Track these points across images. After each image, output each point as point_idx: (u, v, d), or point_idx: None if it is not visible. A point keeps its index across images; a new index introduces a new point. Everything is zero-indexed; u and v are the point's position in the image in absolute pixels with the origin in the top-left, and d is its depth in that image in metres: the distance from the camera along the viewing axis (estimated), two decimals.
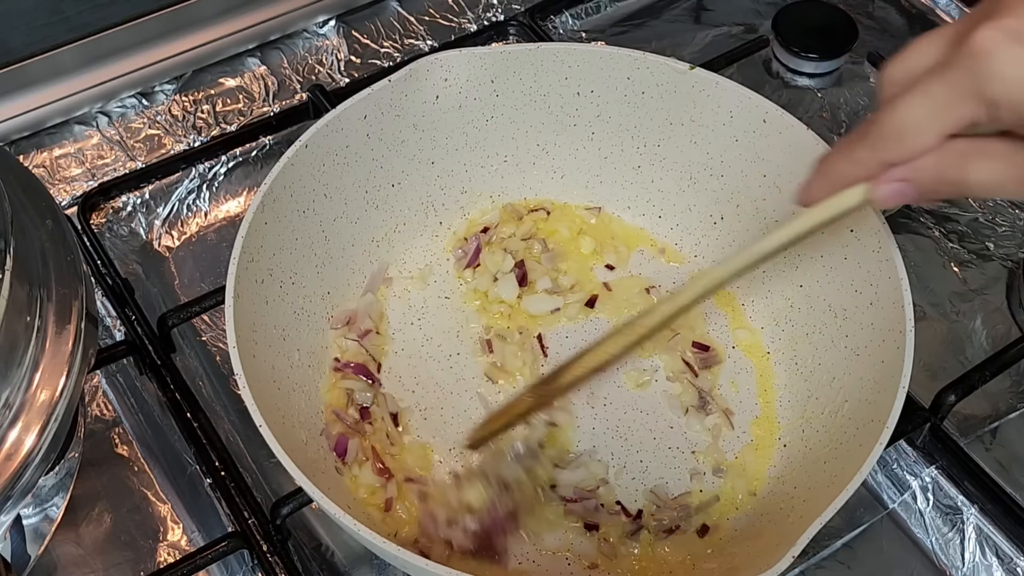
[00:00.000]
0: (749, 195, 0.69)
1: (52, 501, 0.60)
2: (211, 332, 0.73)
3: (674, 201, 0.73)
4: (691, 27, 0.91)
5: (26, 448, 0.52)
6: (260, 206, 0.62)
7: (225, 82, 0.86)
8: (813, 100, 0.85)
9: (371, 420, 0.65)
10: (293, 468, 0.54)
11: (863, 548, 0.65)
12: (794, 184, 0.56)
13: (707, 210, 0.72)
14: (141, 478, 0.67)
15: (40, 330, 0.54)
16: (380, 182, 0.70)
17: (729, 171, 0.70)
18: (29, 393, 0.52)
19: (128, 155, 0.81)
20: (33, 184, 0.61)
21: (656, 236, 0.73)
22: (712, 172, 0.71)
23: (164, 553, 0.65)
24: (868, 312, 0.62)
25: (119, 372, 0.71)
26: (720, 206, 0.71)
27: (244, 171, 0.81)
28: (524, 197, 0.74)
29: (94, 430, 0.69)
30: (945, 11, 0.91)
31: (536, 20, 0.87)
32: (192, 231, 0.79)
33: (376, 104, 0.68)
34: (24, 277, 0.53)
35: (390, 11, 0.90)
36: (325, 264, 0.68)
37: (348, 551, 0.64)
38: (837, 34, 0.86)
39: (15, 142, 0.81)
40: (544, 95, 0.71)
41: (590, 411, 0.67)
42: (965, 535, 0.65)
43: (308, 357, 0.66)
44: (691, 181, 0.72)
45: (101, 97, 0.83)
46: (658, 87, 0.70)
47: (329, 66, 0.87)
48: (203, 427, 0.67)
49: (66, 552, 0.64)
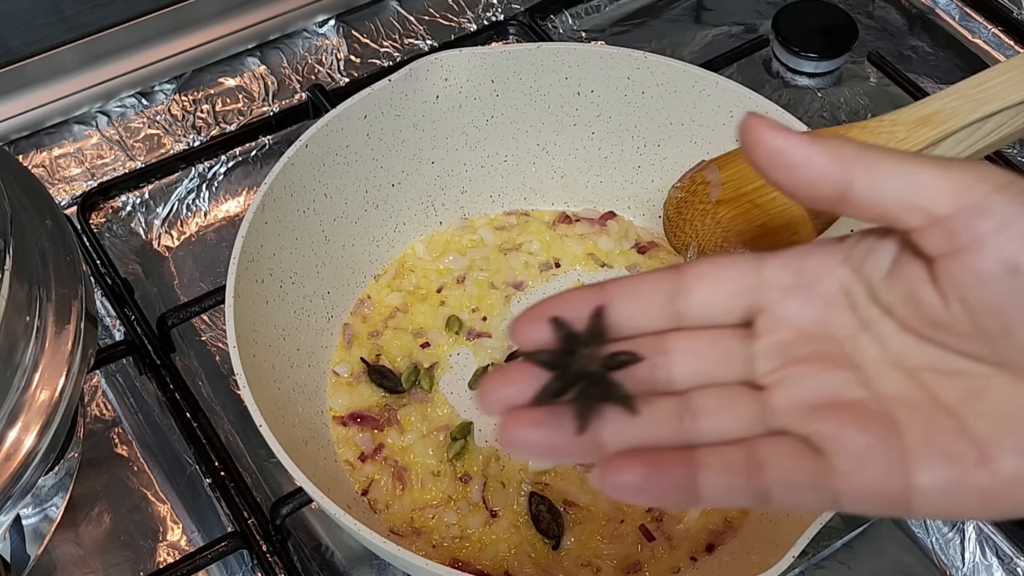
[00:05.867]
0: None
1: (51, 501, 0.60)
2: (211, 332, 0.73)
3: None
4: (691, 27, 0.91)
5: (25, 448, 0.52)
6: (260, 206, 0.62)
7: (225, 82, 0.86)
8: (813, 100, 0.85)
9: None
10: (293, 468, 0.54)
11: (863, 548, 0.65)
12: None
13: None
14: (141, 478, 0.67)
15: (39, 330, 0.53)
16: (380, 182, 0.70)
17: None
18: (28, 393, 0.52)
19: (128, 155, 0.81)
20: (32, 184, 0.61)
21: (656, 235, 0.73)
22: None
23: (164, 553, 0.65)
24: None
25: (119, 372, 0.71)
26: None
27: (244, 171, 0.81)
28: (524, 197, 0.75)
29: (93, 430, 0.69)
30: (945, 11, 0.91)
31: (536, 20, 0.87)
32: (192, 231, 0.78)
33: (376, 104, 0.67)
34: (23, 277, 0.53)
35: (390, 11, 0.90)
36: (325, 264, 0.68)
37: (348, 551, 0.64)
38: (837, 34, 0.86)
39: (14, 142, 0.81)
40: (544, 95, 0.71)
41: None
42: (965, 535, 0.65)
43: (308, 357, 0.66)
44: None
45: (100, 97, 0.83)
46: (658, 87, 0.70)
47: (329, 66, 0.87)
48: (203, 427, 0.67)
49: (65, 552, 0.64)
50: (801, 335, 0.38)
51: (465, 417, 0.66)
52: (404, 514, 0.63)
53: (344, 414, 0.66)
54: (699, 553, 0.62)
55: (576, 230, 0.74)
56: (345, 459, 0.64)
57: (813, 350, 0.38)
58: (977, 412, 0.35)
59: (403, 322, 0.70)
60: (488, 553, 0.62)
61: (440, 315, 0.70)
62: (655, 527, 0.62)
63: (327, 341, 0.68)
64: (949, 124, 0.61)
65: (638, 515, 0.63)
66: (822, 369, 0.37)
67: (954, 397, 0.36)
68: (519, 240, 0.73)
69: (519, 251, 0.73)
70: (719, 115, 0.69)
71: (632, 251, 0.73)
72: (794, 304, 0.38)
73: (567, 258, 0.73)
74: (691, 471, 0.36)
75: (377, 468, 0.64)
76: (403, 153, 0.70)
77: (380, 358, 0.68)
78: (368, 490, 0.64)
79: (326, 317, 0.68)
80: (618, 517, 0.63)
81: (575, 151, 0.73)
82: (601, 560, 0.61)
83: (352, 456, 0.65)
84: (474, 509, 0.63)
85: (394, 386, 0.67)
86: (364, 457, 0.65)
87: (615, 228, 0.74)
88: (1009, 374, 0.35)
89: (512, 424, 0.37)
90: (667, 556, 0.62)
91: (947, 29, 0.90)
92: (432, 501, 0.63)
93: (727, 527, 0.62)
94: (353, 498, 0.63)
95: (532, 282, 0.72)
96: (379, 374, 0.67)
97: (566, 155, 0.73)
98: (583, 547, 0.62)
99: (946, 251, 0.35)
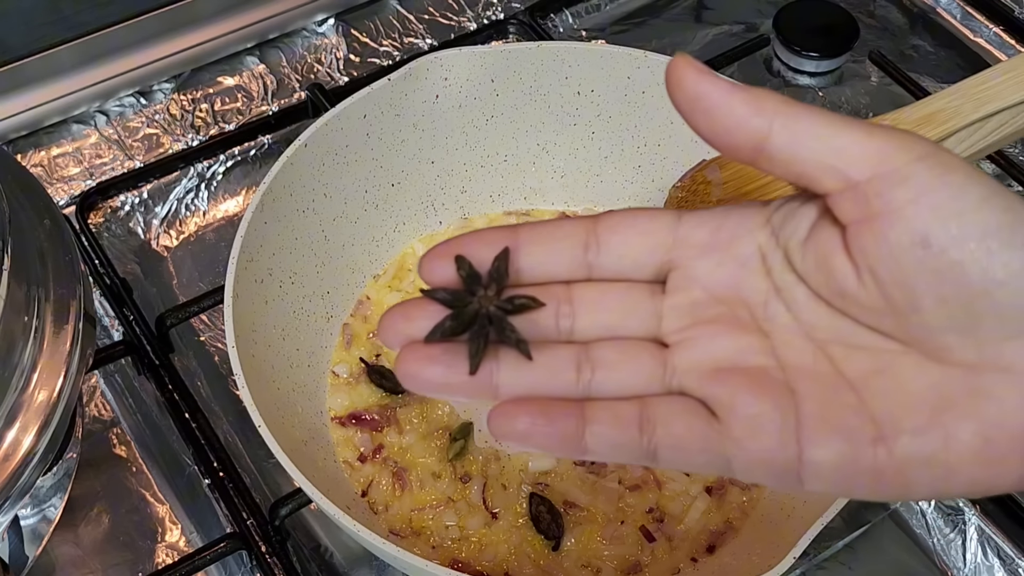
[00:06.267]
0: None
1: (50, 502, 0.60)
2: (210, 332, 0.73)
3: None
4: (692, 26, 0.91)
5: (24, 448, 0.51)
6: (259, 205, 0.62)
7: (224, 81, 0.85)
8: (814, 99, 0.85)
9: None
10: (292, 468, 0.54)
11: (864, 549, 0.65)
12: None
13: None
14: (139, 478, 0.67)
15: (38, 330, 0.53)
16: (380, 182, 0.70)
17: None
18: (27, 393, 0.52)
19: (126, 154, 0.81)
20: (31, 183, 0.60)
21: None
22: None
23: (162, 554, 0.64)
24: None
25: (117, 372, 0.71)
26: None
27: (243, 170, 0.81)
28: (524, 197, 0.74)
29: (92, 430, 0.68)
30: (947, 10, 0.91)
31: (536, 19, 0.87)
32: (191, 231, 0.78)
33: (376, 103, 0.67)
34: (22, 277, 0.53)
35: (389, 9, 0.90)
36: (325, 264, 0.68)
37: (347, 552, 0.64)
38: (838, 33, 0.85)
39: (13, 141, 0.81)
40: (544, 94, 0.71)
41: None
42: (967, 536, 0.65)
43: (307, 357, 0.66)
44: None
45: (99, 96, 0.83)
46: (659, 86, 0.69)
47: (328, 65, 0.87)
48: (201, 427, 0.66)
49: (64, 553, 0.64)
50: (712, 296, 0.37)
51: (465, 417, 0.66)
52: (403, 515, 0.63)
53: (343, 415, 0.66)
54: (700, 554, 0.62)
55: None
56: (344, 460, 0.64)
57: (722, 312, 0.37)
58: (879, 389, 0.35)
59: None
60: (488, 554, 0.61)
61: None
62: (655, 528, 0.62)
63: (327, 341, 0.68)
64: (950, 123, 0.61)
65: (639, 516, 0.63)
66: (729, 332, 0.37)
67: (858, 372, 0.35)
68: None
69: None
70: None
71: None
72: (708, 264, 0.37)
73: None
74: (579, 423, 0.36)
75: (377, 469, 0.64)
76: (403, 153, 0.70)
77: (380, 358, 0.68)
78: (367, 491, 0.63)
79: (326, 317, 0.68)
80: (618, 518, 0.62)
81: (575, 151, 0.73)
82: (601, 561, 0.61)
83: (351, 457, 0.64)
84: (474, 510, 0.63)
85: (394, 387, 0.67)
86: (363, 458, 0.64)
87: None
88: (915, 352, 0.35)
89: (407, 358, 0.36)
90: (667, 557, 0.61)
91: (948, 28, 0.90)
92: (432, 502, 0.63)
93: (728, 528, 0.62)
94: (352, 499, 0.62)
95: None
96: (379, 374, 0.67)
97: (566, 155, 0.73)
98: (583, 548, 0.62)
99: (859, 218, 0.34)
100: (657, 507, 0.63)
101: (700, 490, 0.63)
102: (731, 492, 0.63)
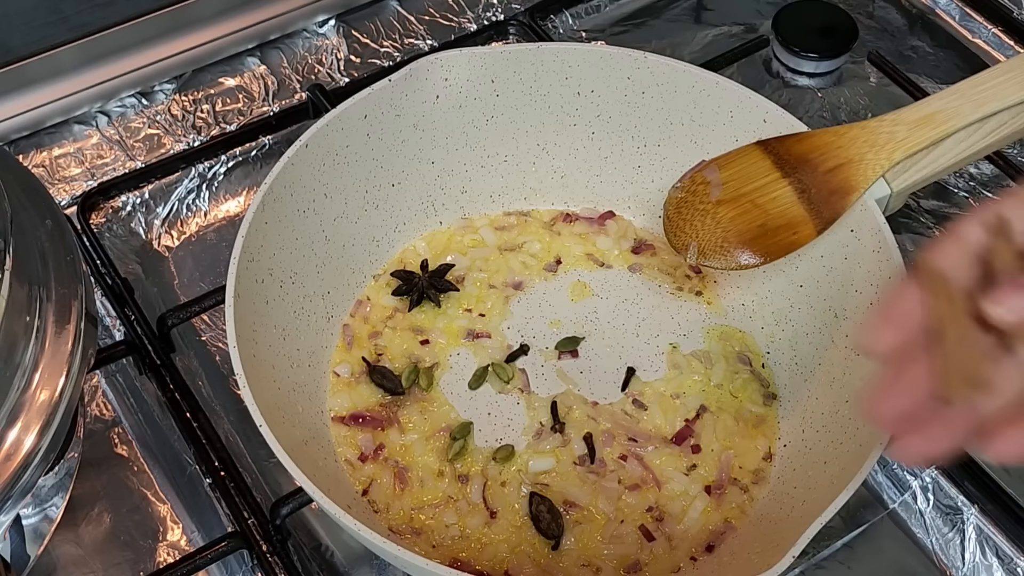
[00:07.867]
0: None
1: (51, 501, 0.60)
2: (211, 332, 0.73)
3: None
4: (691, 27, 0.91)
5: (25, 448, 0.52)
6: (260, 206, 0.62)
7: (225, 82, 0.86)
8: (813, 100, 0.85)
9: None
10: (293, 468, 0.54)
11: (863, 548, 0.65)
12: None
13: None
14: (140, 478, 0.67)
15: (39, 330, 0.54)
16: (380, 182, 0.70)
17: None
18: (28, 393, 0.52)
19: (128, 155, 0.81)
20: (32, 184, 0.61)
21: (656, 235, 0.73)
22: None
23: (164, 553, 0.65)
24: (868, 312, 0.62)
25: (119, 372, 0.71)
26: None
27: (244, 171, 0.81)
28: (524, 197, 0.75)
29: (93, 430, 0.69)
30: (945, 11, 0.91)
31: (536, 20, 0.87)
32: (192, 231, 0.78)
33: (376, 104, 0.67)
34: (24, 277, 0.53)
35: (390, 10, 0.90)
36: (325, 264, 0.68)
37: (348, 551, 0.64)
38: (837, 34, 0.86)
39: (14, 142, 0.81)
40: (544, 95, 0.71)
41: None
42: (965, 535, 0.65)
43: (308, 357, 0.66)
44: None
45: (100, 97, 0.83)
46: (658, 87, 0.70)
47: (329, 66, 0.87)
48: (203, 427, 0.67)
49: (65, 552, 0.64)
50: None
51: (465, 417, 0.66)
52: (404, 514, 0.63)
53: (344, 414, 0.66)
54: (699, 553, 0.62)
55: (575, 230, 0.74)
56: (345, 459, 0.64)
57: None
58: None
59: (403, 322, 0.70)
60: (488, 553, 0.62)
61: (439, 316, 0.70)
62: (655, 527, 0.62)
63: (327, 341, 0.68)
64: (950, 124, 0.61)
65: (638, 515, 0.63)
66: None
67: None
68: (519, 240, 0.73)
69: (519, 251, 0.73)
70: (719, 115, 0.69)
71: (629, 252, 0.73)
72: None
73: (567, 258, 0.73)
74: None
75: (377, 468, 0.64)
76: (403, 153, 0.70)
77: (381, 358, 0.68)
78: (368, 490, 0.64)
79: (326, 317, 0.68)
80: (618, 517, 0.63)
81: (575, 151, 0.73)
82: (601, 560, 0.61)
83: (352, 456, 0.65)
84: (474, 509, 0.63)
85: (394, 387, 0.67)
86: (364, 457, 0.65)
87: (613, 228, 0.74)
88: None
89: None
90: (667, 556, 0.62)
91: (947, 29, 0.90)
92: (432, 501, 0.63)
93: (727, 527, 0.62)
94: (353, 498, 0.63)
95: (532, 282, 0.72)
96: (379, 375, 0.67)
97: (566, 155, 0.73)
98: (583, 547, 0.62)
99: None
100: (656, 506, 0.63)
101: (699, 489, 0.64)
102: (730, 491, 0.64)
